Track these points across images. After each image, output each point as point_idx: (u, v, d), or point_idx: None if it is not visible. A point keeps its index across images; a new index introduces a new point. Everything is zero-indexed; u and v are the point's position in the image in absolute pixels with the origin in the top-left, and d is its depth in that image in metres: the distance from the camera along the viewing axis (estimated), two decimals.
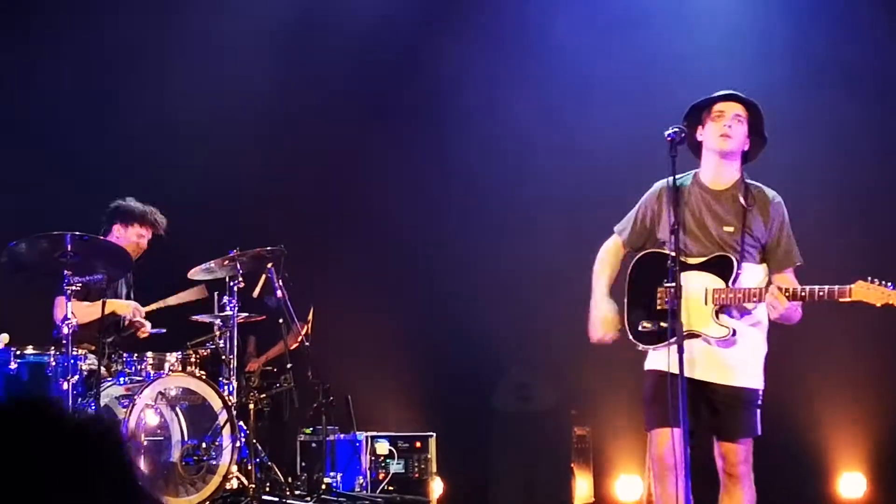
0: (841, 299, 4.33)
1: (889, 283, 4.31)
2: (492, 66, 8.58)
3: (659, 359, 4.56)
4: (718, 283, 4.46)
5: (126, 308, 6.54)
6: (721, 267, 4.48)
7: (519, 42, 8.55)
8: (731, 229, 4.52)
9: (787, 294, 4.34)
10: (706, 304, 4.45)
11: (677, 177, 4.60)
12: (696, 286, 4.49)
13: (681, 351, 4.21)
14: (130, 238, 6.68)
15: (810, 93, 7.80)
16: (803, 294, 4.36)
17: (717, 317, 4.45)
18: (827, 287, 4.35)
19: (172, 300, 6.85)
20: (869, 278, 4.31)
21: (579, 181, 7.97)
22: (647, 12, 8.31)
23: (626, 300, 4.72)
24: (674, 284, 4.33)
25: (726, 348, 4.44)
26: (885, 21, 7.89)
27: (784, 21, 8.04)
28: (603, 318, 4.67)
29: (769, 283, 4.53)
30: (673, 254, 4.45)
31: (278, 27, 8.45)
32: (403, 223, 8.64)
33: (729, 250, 4.50)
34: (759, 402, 4.56)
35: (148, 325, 6.63)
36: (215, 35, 8.28)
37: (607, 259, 4.84)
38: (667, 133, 4.45)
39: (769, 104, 4.73)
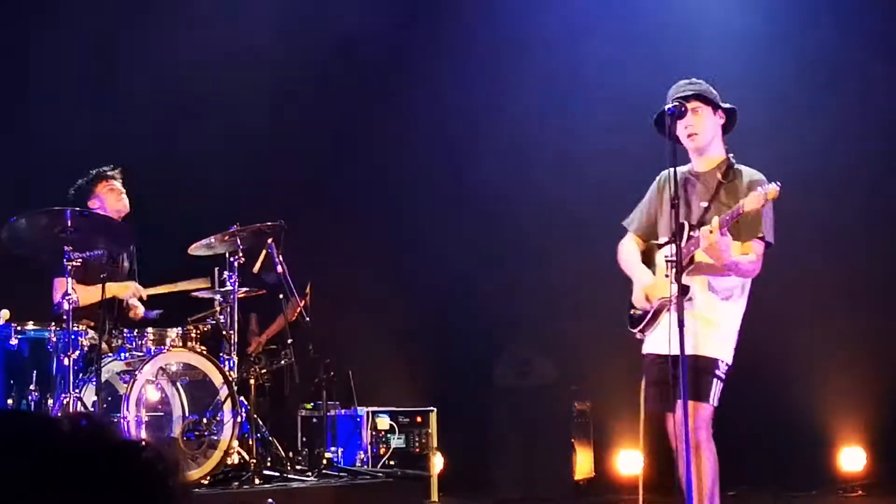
0: (742, 213, 4.43)
1: (775, 182, 4.43)
2: (491, 50, 8.57)
3: (648, 342, 4.85)
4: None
5: (125, 290, 6.52)
6: (678, 236, 4.54)
7: (514, 33, 8.52)
8: (705, 205, 4.68)
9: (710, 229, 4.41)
10: (668, 272, 4.56)
11: (679, 168, 4.75)
12: (662, 260, 4.71)
13: (681, 325, 4.28)
14: (105, 200, 6.56)
15: (818, 97, 7.76)
16: (722, 218, 4.43)
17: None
18: (732, 209, 4.47)
19: (175, 287, 6.83)
20: (758, 188, 4.44)
21: (577, 160, 7.97)
22: (648, 15, 8.28)
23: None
24: (674, 258, 4.42)
25: (689, 310, 4.45)
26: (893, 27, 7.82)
27: (791, 25, 7.98)
28: (646, 285, 4.80)
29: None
30: (664, 241, 4.73)
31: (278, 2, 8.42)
32: (402, 198, 8.63)
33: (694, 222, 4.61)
34: (719, 371, 4.65)
35: (141, 308, 6.61)
36: (213, 8, 8.24)
37: (627, 247, 5.00)
38: (667, 107, 4.62)
39: (775, 108, 4.75)
